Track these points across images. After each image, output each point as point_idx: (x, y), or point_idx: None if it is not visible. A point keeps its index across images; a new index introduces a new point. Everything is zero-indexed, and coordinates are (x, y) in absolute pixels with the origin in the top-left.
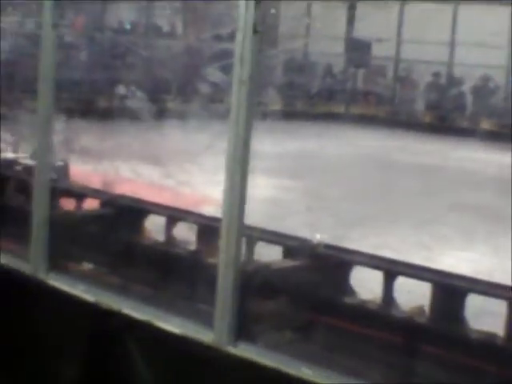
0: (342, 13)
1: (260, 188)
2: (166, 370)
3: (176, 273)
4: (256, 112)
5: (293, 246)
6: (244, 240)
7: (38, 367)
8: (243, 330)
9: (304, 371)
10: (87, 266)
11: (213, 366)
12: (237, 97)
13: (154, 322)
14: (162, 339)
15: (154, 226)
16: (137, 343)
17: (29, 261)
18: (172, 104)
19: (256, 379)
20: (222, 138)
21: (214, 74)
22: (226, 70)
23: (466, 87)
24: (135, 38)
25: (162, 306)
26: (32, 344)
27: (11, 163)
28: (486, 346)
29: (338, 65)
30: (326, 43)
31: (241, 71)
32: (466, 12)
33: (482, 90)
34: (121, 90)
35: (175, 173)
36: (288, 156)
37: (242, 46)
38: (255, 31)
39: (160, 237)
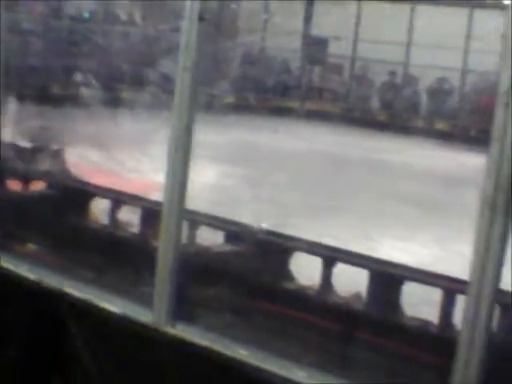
0: (300, 9)
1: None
2: (106, 349)
3: (119, 255)
4: (209, 104)
5: (234, 231)
6: (187, 224)
7: None
8: (182, 311)
9: (239, 352)
10: (31, 246)
11: (151, 346)
12: (180, 84)
13: (95, 302)
14: (102, 319)
15: (100, 209)
16: (78, 322)
17: None
18: (126, 93)
19: (193, 359)
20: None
21: (167, 65)
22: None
23: (422, 88)
24: (93, 26)
25: (104, 287)
26: None
27: None
28: (420, 333)
29: (295, 60)
30: (283, 39)
31: (185, 58)
32: (423, 13)
33: (438, 91)
34: (76, 77)
35: (123, 159)
36: (239, 148)
37: (187, 33)
38: (201, 19)
39: (105, 220)
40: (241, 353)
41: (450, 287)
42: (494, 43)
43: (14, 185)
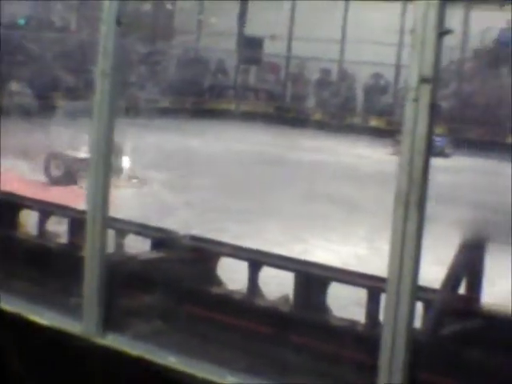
0: (234, 8)
1: None
2: (37, 362)
3: (48, 266)
4: (140, 108)
5: (160, 238)
6: (113, 233)
7: None
8: (111, 320)
9: (170, 360)
10: None
11: (82, 357)
12: (100, 90)
13: (25, 315)
14: (32, 332)
15: (27, 220)
16: (8, 336)
17: None
18: (60, 101)
19: (124, 368)
20: None
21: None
22: None
23: (357, 85)
24: (27, 33)
25: (32, 298)
26: None
27: None
28: (348, 333)
29: (230, 61)
30: (218, 39)
31: (104, 63)
32: (356, 9)
33: (373, 87)
34: (10, 86)
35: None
36: (168, 152)
37: (105, 37)
38: (119, 23)
39: (32, 231)
40: (171, 360)
41: (374, 286)
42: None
43: None
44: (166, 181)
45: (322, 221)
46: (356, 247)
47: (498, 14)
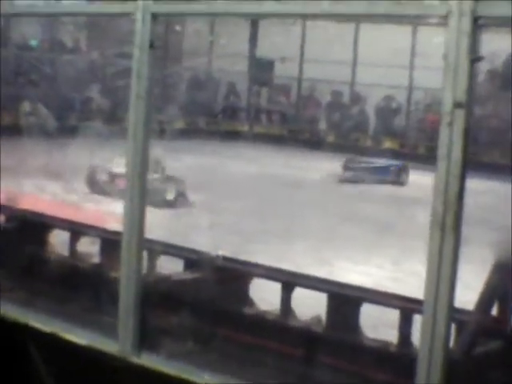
0: (245, 30)
1: None
2: (73, 381)
3: (82, 287)
4: (158, 131)
5: (193, 259)
6: (146, 253)
7: None
8: (146, 340)
9: (206, 378)
10: None
11: (118, 376)
12: (134, 112)
13: (60, 334)
14: (68, 351)
15: (59, 240)
16: (43, 355)
17: None
18: (75, 121)
19: None
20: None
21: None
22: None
23: (369, 106)
24: (39, 54)
25: (68, 318)
26: None
27: None
28: (381, 354)
29: (242, 83)
30: (229, 61)
31: (138, 86)
32: (367, 32)
33: (385, 109)
34: (25, 106)
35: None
36: (190, 173)
37: (138, 61)
38: (151, 46)
39: (65, 251)
40: (206, 378)
41: (407, 307)
42: (438, 59)
43: None
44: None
45: (347, 242)
46: (383, 270)
47: (507, 36)
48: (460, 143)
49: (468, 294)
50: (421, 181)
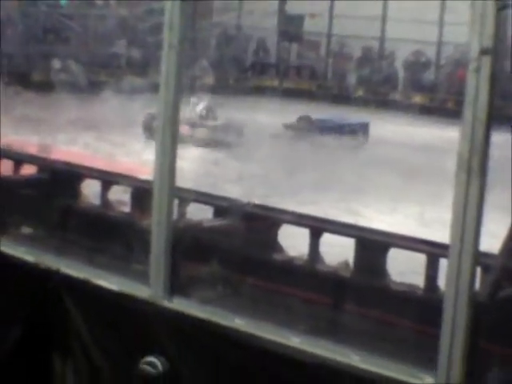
0: None
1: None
2: (105, 326)
3: (114, 234)
4: (188, 86)
5: (223, 206)
6: (177, 201)
7: None
8: (177, 285)
9: (237, 322)
10: (27, 229)
11: (150, 320)
12: (166, 62)
13: (92, 280)
14: (100, 297)
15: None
16: (75, 301)
17: None
18: (105, 77)
19: (191, 331)
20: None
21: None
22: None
23: (398, 62)
24: (70, 12)
25: (99, 266)
26: None
27: None
28: (408, 298)
29: (271, 39)
30: (259, 17)
31: (170, 36)
32: None
33: (414, 64)
34: (56, 63)
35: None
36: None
37: (170, 12)
38: None
39: (98, 201)
40: (237, 322)
41: (433, 251)
42: (467, 14)
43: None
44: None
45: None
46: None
47: None
48: (486, 89)
49: (493, 241)
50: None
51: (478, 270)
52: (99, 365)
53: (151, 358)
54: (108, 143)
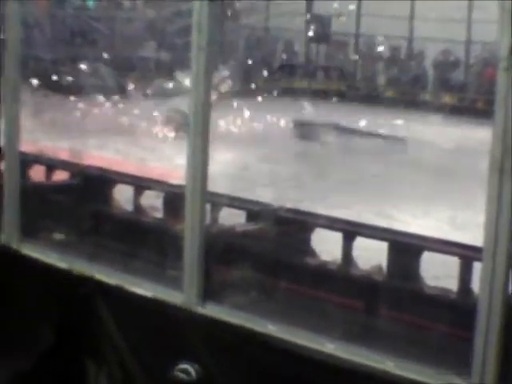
0: None
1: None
2: (138, 332)
3: (146, 240)
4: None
5: (255, 211)
6: (210, 206)
7: (15, 335)
8: (210, 291)
9: (270, 328)
10: (59, 235)
11: (183, 326)
12: (196, 63)
13: (126, 287)
14: (133, 303)
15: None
16: (109, 308)
17: (1, 231)
18: (135, 80)
19: (224, 337)
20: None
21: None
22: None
23: (427, 61)
24: (97, 14)
25: (133, 271)
26: (6, 312)
27: None
28: (442, 302)
29: (299, 40)
30: (286, 19)
31: (199, 38)
32: None
33: (443, 64)
34: (84, 66)
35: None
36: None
37: (199, 13)
38: None
39: (130, 206)
40: (271, 328)
41: (467, 255)
42: (496, 13)
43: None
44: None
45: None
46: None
47: None
48: None
49: None
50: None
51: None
52: (133, 371)
53: (185, 365)
54: (139, 148)
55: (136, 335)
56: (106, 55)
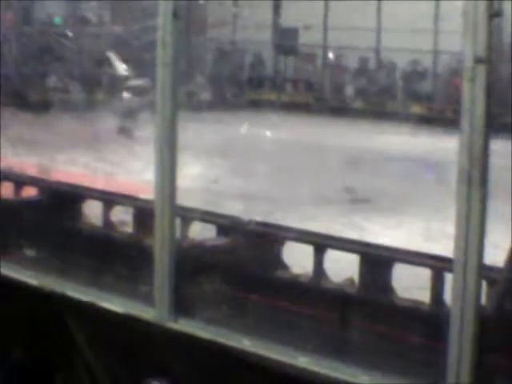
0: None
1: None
2: (110, 348)
3: (115, 255)
4: (185, 102)
5: (225, 224)
6: (179, 220)
7: None
8: (182, 306)
9: (244, 343)
10: (29, 252)
11: (156, 342)
12: (161, 79)
13: (97, 303)
14: (105, 319)
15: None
16: (81, 324)
17: None
18: (101, 95)
19: (197, 352)
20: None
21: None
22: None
23: (395, 72)
24: (64, 30)
25: (104, 287)
26: None
27: None
28: (414, 314)
29: (267, 52)
30: (253, 31)
31: (163, 54)
32: None
33: (411, 74)
34: (51, 82)
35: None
36: (224, 142)
37: (163, 30)
38: (175, 15)
39: (99, 221)
40: (244, 343)
41: (438, 266)
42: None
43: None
44: (225, 166)
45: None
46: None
47: None
48: (482, 98)
49: (497, 252)
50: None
51: (484, 283)
52: None
53: (156, 380)
54: (107, 163)
55: (107, 351)
56: (72, 71)
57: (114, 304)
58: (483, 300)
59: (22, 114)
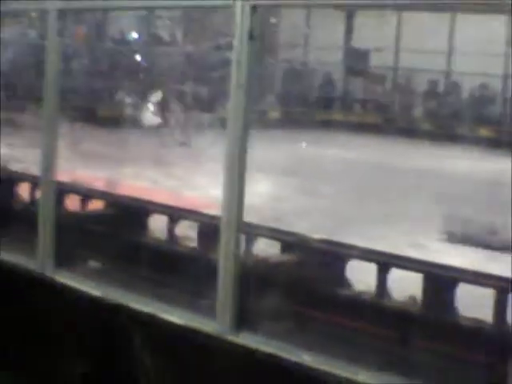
0: (340, 22)
1: None
2: (171, 360)
3: (180, 269)
4: (256, 120)
5: (290, 241)
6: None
7: (49, 363)
8: (244, 320)
9: (304, 358)
10: (93, 264)
11: (216, 355)
12: (234, 100)
13: (159, 315)
14: (167, 331)
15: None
16: (142, 335)
17: (36, 259)
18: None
19: (257, 366)
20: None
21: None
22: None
23: (464, 95)
24: (137, 48)
25: (166, 300)
26: (43, 340)
27: None
28: (477, 333)
29: (337, 73)
30: (324, 52)
31: (238, 75)
32: (463, 21)
33: (480, 98)
34: (123, 98)
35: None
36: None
37: (238, 51)
38: (251, 37)
39: (165, 236)
40: (305, 358)
41: (502, 286)
42: None
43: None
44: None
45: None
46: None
47: None
48: None
49: None
50: None
51: None
52: None
53: None
54: (174, 178)
55: (169, 363)
56: (144, 88)
57: (176, 316)
58: None
59: (90, 129)
